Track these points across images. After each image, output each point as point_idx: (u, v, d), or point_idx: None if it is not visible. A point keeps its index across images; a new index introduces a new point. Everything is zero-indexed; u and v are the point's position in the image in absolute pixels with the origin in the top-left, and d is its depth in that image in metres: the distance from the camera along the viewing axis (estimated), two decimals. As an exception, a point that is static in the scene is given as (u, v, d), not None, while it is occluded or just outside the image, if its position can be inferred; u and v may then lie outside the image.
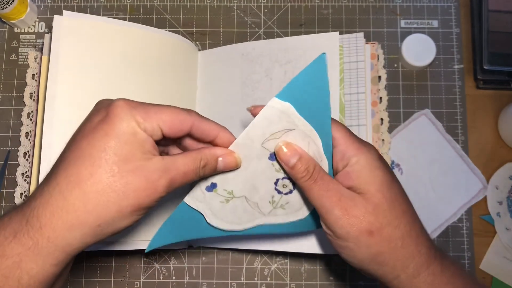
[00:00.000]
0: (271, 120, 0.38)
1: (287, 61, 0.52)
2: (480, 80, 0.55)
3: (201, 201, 0.42)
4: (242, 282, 0.52)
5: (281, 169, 0.41)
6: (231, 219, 0.43)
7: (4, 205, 0.54)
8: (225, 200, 0.42)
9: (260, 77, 0.53)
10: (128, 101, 0.33)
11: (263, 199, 0.42)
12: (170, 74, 0.51)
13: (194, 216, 0.43)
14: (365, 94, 0.53)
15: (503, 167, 0.54)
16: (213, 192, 0.42)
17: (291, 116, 0.38)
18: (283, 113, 0.38)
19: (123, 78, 0.48)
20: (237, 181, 0.41)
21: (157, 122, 0.33)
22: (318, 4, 0.59)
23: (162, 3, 0.59)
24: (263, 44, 0.53)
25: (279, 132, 0.39)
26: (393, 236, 0.34)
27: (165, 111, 0.33)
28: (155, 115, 0.33)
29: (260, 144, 0.39)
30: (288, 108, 0.38)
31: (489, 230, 0.53)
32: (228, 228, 0.42)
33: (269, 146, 0.39)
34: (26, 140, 0.54)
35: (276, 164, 0.40)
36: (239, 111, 0.52)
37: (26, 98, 0.55)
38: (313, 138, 0.39)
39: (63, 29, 0.46)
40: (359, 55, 0.52)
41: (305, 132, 0.38)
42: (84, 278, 0.53)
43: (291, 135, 0.39)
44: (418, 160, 0.54)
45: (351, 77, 0.52)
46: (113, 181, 0.30)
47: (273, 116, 0.38)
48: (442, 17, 0.58)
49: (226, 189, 0.42)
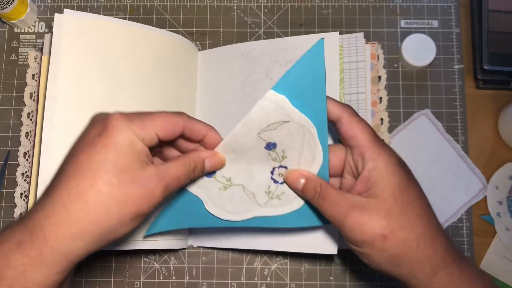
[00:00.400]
0: (267, 112, 0.40)
1: (287, 61, 0.52)
2: (480, 80, 0.55)
3: (201, 188, 0.43)
4: (242, 282, 0.52)
5: (277, 158, 0.42)
6: (228, 208, 0.44)
7: (4, 205, 0.54)
8: (223, 187, 0.44)
9: (260, 77, 0.53)
10: (124, 114, 0.34)
11: (259, 188, 0.43)
12: (170, 74, 0.52)
13: (194, 203, 0.44)
14: (365, 94, 0.53)
15: (503, 167, 0.54)
16: (212, 178, 0.43)
17: (285, 108, 0.39)
18: (278, 105, 0.39)
19: (123, 77, 0.49)
20: (235, 167, 0.43)
21: (153, 130, 0.34)
22: (318, 4, 0.59)
23: (162, 3, 0.59)
24: (263, 44, 0.53)
25: (275, 123, 0.40)
26: (407, 238, 0.35)
27: (159, 118, 0.35)
28: (151, 124, 0.34)
29: (256, 134, 0.41)
30: (283, 100, 0.39)
31: (489, 230, 0.53)
32: (225, 217, 0.43)
33: (265, 136, 0.41)
34: (26, 140, 0.54)
35: (273, 153, 0.42)
36: (239, 111, 0.52)
37: (26, 98, 0.55)
38: (308, 127, 0.40)
39: (64, 27, 0.46)
40: (359, 55, 0.52)
41: (300, 122, 0.40)
42: (84, 278, 0.53)
43: (286, 127, 0.40)
44: (418, 160, 0.54)
45: (351, 77, 0.52)
46: (113, 192, 0.32)
47: (269, 108, 0.39)
48: (442, 17, 0.58)
49: (224, 176, 0.43)
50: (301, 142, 0.41)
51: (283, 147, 0.42)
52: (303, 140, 0.41)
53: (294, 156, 0.42)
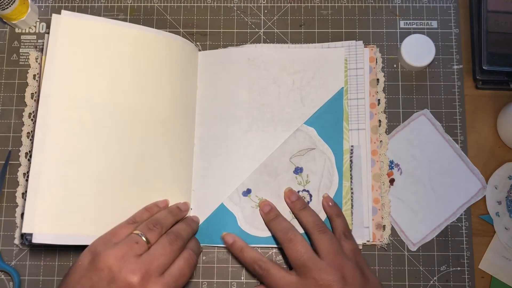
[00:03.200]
0: (298, 140, 0.52)
1: (295, 71, 0.54)
2: (479, 80, 0.55)
3: (236, 204, 0.51)
4: (242, 281, 0.53)
5: (301, 183, 0.51)
6: (257, 225, 0.51)
7: (6, 205, 0.54)
8: (256, 205, 0.51)
9: (267, 83, 0.54)
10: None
11: (285, 208, 0.51)
12: (169, 74, 0.52)
13: (228, 217, 0.51)
14: (364, 95, 0.54)
15: (502, 167, 0.54)
16: (247, 197, 0.51)
17: (313, 138, 0.52)
18: (307, 135, 0.52)
19: (121, 78, 0.49)
20: (267, 189, 0.52)
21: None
22: (318, 4, 0.59)
23: (162, 4, 0.59)
24: (271, 52, 0.55)
25: (304, 150, 0.52)
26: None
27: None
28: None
29: (288, 159, 0.52)
30: (311, 131, 0.52)
31: (488, 229, 0.54)
32: (254, 233, 0.51)
33: (295, 161, 0.52)
34: (28, 140, 0.54)
35: (299, 178, 0.51)
36: (244, 114, 0.53)
37: (27, 98, 0.55)
38: (328, 155, 0.51)
39: (61, 28, 0.46)
40: (359, 63, 0.55)
41: (323, 151, 0.51)
42: (85, 278, 0.53)
43: (312, 153, 0.52)
44: (417, 160, 0.54)
45: (351, 83, 0.54)
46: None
47: (300, 137, 0.52)
48: (442, 18, 0.58)
49: (257, 196, 0.51)
50: (322, 168, 0.51)
51: (308, 172, 0.51)
52: (323, 166, 0.51)
53: (315, 181, 0.51)
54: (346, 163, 0.52)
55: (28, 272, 0.53)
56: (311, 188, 0.51)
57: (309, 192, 0.51)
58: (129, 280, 0.39)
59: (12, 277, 0.52)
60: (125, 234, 0.43)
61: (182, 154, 0.52)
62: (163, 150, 0.50)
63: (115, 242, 0.42)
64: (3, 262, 0.52)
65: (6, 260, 0.53)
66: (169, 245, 0.43)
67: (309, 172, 0.51)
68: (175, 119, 0.52)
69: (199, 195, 0.52)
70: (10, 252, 0.53)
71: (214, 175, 0.52)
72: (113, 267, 0.39)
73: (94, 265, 0.40)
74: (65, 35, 0.46)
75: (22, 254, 0.53)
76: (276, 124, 0.53)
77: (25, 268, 0.53)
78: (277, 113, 0.53)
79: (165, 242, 0.43)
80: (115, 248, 0.41)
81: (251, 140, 0.53)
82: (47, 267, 0.53)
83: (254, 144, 0.53)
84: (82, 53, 0.47)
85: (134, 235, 0.43)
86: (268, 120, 0.53)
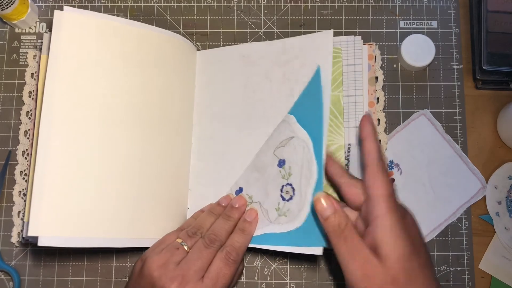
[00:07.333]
0: (280, 131, 0.48)
1: (285, 62, 0.52)
2: (479, 80, 0.55)
3: None
4: (242, 281, 0.53)
5: (285, 176, 0.47)
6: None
7: (6, 205, 0.54)
8: (249, 204, 0.49)
9: (260, 79, 0.53)
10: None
11: (271, 205, 0.47)
12: (168, 73, 0.52)
13: None
14: (362, 92, 0.53)
15: (502, 167, 0.55)
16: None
17: (292, 125, 0.47)
18: (287, 123, 0.48)
19: (121, 75, 0.48)
20: (256, 186, 0.49)
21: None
22: (318, 4, 0.59)
23: (162, 4, 0.59)
24: (263, 47, 0.54)
25: (285, 140, 0.47)
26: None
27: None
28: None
29: (272, 152, 0.48)
30: (291, 118, 0.48)
31: (488, 229, 0.54)
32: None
33: (278, 153, 0.48)
34: (25, 139, 0.54)
35: (283, 171, 0.47)
36: (240, 112, 0.53)
37: (25, 96, 0.55)
38: (307, 144, 0.46)
39: (63, 24, 0.45)
40: (357, 58, 0.53)
41: (302, 137, 0.46)
42: (85, 278, 0.53)
43: (292, 143, 0.47)
44: (417, 160, 0.54)
45: (349, 79, 0.52)
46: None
47: (281, 126, 0.48)
48: (441, 18, 0.58)
49: (248, 194, 0.49)
50: (301, 157, 0.46)
51: (290, 163, 0.47)
52: (303, 155, 0.46)
53: (296, 172, 0.46)
54: (340, 161, 0.49)
55: (28, 272, 0.53)
56: (294, 181, 0.47)
57: (292, 186, 0.47)
58: (167, 287, 0.39)
59: (12, 277, 0.52)
60: (170, 241, 0.44)
61: (181, 153, 0.52)
62: (162, 149, 0.50)
63: (161, 249, 0.43)
64: (3, 262, 0.52)
65: (6, 260, 0.53)
66: (204, 248, 0.43)
67: (291, 163, 0.47)
68: (175, 119, 0.52)
69: (195, 194, 0.52)
70: (10, 252, 0.53)
71: (210, 174, 0.52)
72: (154, 273, 0.40)
73: (142, 272, 0.41)
74: (68, 30, 0.46)
75: (22, 254, 0.53)
76: (268, 120, 0.51)
77: (25, 268, 0.53)
78: (269, 108, 0.52)
79: (200, 245, 0.43)
80: (158, 255, 0.42)
81: (246, 138, 0.52)
82: (47, 267, 0.53)
83: (249, 142, 0.52)
84: (84, 49, 0.46)
85: (175, 242, 0.43)
86: (260, 117, 0.52)
